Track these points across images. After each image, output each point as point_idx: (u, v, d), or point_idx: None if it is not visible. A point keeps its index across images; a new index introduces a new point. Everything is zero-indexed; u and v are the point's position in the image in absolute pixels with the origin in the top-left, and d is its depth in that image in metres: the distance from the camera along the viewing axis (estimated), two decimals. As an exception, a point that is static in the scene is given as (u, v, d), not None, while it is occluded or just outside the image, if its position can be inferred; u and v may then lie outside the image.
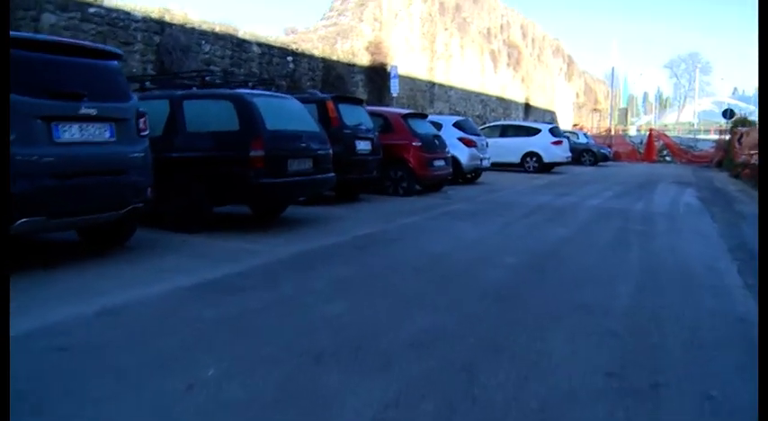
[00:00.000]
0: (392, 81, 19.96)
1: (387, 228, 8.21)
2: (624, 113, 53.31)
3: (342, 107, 10.69)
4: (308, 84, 16.85)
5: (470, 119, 16.67)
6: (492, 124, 23.25)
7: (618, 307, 4.57)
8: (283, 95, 8.96)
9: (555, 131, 21.80)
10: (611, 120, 47.19)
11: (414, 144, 12.16)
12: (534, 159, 20.99)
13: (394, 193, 12.18)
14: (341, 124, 10.44)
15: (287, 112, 8.23)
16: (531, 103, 37.91)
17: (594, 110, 54.20)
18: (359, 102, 11.64)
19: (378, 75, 20.31)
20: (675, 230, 8.58)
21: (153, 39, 12.66)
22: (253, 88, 8.90)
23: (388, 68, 20.16)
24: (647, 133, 36.92)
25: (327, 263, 5.96)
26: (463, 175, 15.38)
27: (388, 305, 4.52)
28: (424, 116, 13.70)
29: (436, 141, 12.92)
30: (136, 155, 6.05)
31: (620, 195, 13.76)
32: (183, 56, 12.85)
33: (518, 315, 4.32)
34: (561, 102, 44.71)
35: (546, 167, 21.10)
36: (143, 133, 6.19)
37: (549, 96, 41.60)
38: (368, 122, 11.36)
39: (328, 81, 17.59)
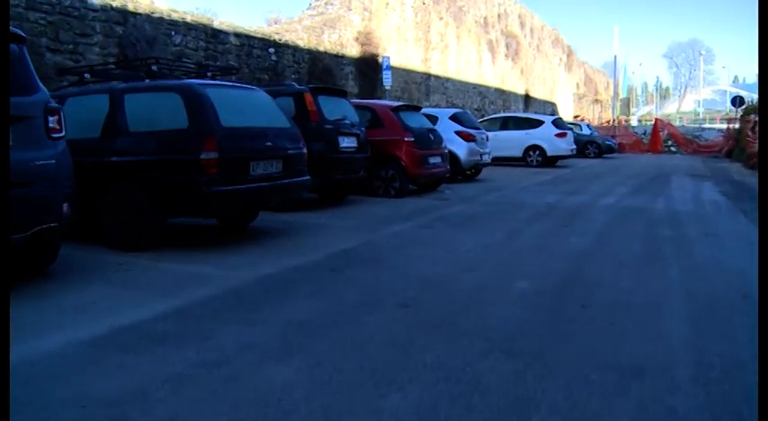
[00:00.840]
0: (384, 73, 18.62)
1: (372, 239, 6.88)
2: (626, 104, 51.85)
3: (322, 100, 9.34)
4: (293, 77, 15.49)
5: (469, 111, 15.33)
6: (492, 117, 21.89)
7: (678, 366, 3.23)
8: (247, 86, 7.61)
9: (558, 123, 20.44)
10: (613, 111, 45.73)
11: (406, 139, 10.81)
12: (537, 153, 19.65)
13: (385, 195, 10.85)
14: (321, 119, 9.10)
15: (250, 106, 6.89)
16: (532, 94, 36.52)
17: (596, 100, 52.76)
18: (342, 93, 10.28)
19: (369, 67, 18.95)
20: (712, 236, 7.23)
21: (114, 30, 11.30)
22: (214, 78, 7.54)
23: (380, 60, 18.79)
24: (652, 123, 35.53)
25: (289, 295, 4.63)
26: (462, 172, 14.04)
27: (357, 371, 3.18)
28: (417, 108, 12.34)
29: (431, 136, 11.57)
30: (43, 162, 4.72)
31: (635, 191, 12.40)
32: (149, 48, 11.49)
33: (539, 387, 2.96)
34: (562, 93, 43.29)
35: (549, 161, 19.76)
36: (56, 134, 4.86)
37: (549, 87, 40.20)
38: (353, 116, 10.00)
39: (315, 74, 16.22)
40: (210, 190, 5.91)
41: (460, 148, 13.66)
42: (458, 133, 13.82)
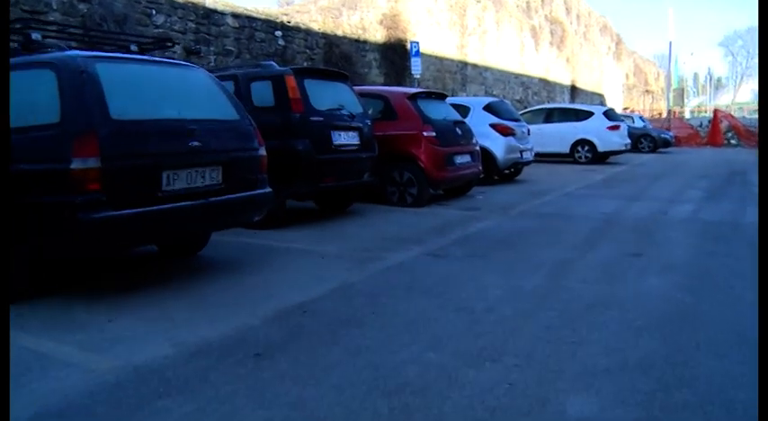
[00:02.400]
0: (413, 60, 16.28)
1: (351, 282, 4.64)
2: (680, 94, 48.08)
3: (311, 84, 7.10)
4: (305, 64, 13.27)
5: (507, 101, 12.91)
6: (535, 108, 19.32)
7: None
8: (178, 63, 5.40)
9: (610, 114, 17.78)
10: (668, 102, 42.27)
11: (425, 134, 8.50)
12: (587, 148, 17.05)
13: (400, 203, 8.59)
14: (307, 109, 6.86)
15: (172, 91, 4.72)
16: (578, 85, 33.62)
17: (646, 92, 49.25)
18: (340, 77, 7.99)
19: (395, 53, 16.63)
20: None
21: (77, 7, 9.24)
22: (143, 53, 5.36)
23: (408, 45, 16.45)
24: (708, 114, 32.30)
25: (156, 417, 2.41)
26: (499, 172, 11.62)
27: None
28: (441, 96, 9.97)
29: (458, 130, 9.22)
30: None
31: (713, 196, 9.83)
32: (118, 29, 9.39)
33: None
34: (610, 84, 40.13)
35: (600, 157, 17.14)
36: None
37: (596, 78, 37.15)
38: (355, 106, 7.74)
39: (331, 60, 13.99)
40: (89, 217, 3.73)
41: (496, 144, 11.28)
42: (493, 126, 11.43)
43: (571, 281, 4.60)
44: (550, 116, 17.99)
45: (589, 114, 17.46)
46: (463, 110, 11.53)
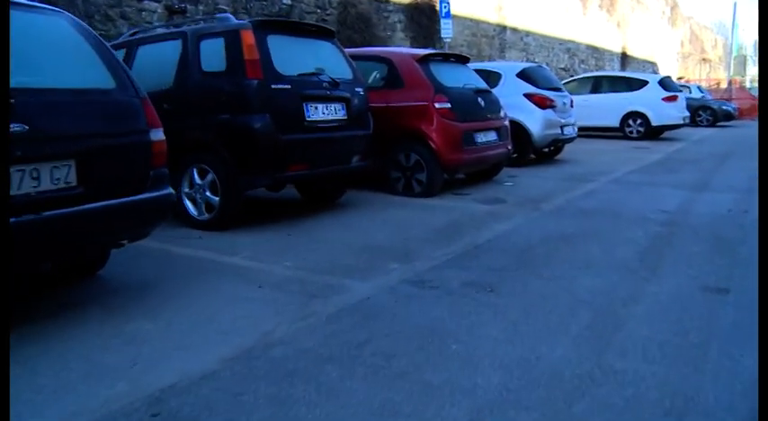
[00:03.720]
0: (443, 22, 14.31)
1: (272, 339, 2.99)
2: (741, 62, 44.29)
3: (277, 42, 5.35)
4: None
5: (546, 66, 10.89)
6: (580, 76, 17.13)
7: None
8: (24, 3, 3.62)
9: (667, 84, 15.49)
10: (729, 70, 38.90)
11: (437, 106, 6.67)
12: (639, 122, 14.87)
13: (406, 192, 6.83)
14: (268, 73, 5.10)
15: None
16: (629, 52, 30.87)
17: (703, 60, 45.77)
18: (323, 33, 6.14)
19: (423, 14, 14.64)
20: None
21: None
22: None
23: (437, 5, 14.43)
24: (774, 84, 29.11)
25: None
26: (535, 151, 9.69)
27: None
28: (461, 59, 8.03)
29: (481, 100, 7.33)
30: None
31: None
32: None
33: None
34: (663, 51, 37.06)
35: (654, 132, 14.94)
36: None
37: (649, 45, 34.20)
38: (341, 70, 5.97)
39: (346, 23, 12.14)
40: None
41: (532, 118, 9.34)
42: (529, 97, 9.49)
43: (622, 355, 2.76)
44: (598, 85, 15.85)
45: (643, 83, 15.24)
46: (492, 77, 9.63)
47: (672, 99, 14.87)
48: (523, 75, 9.84)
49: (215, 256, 4.49)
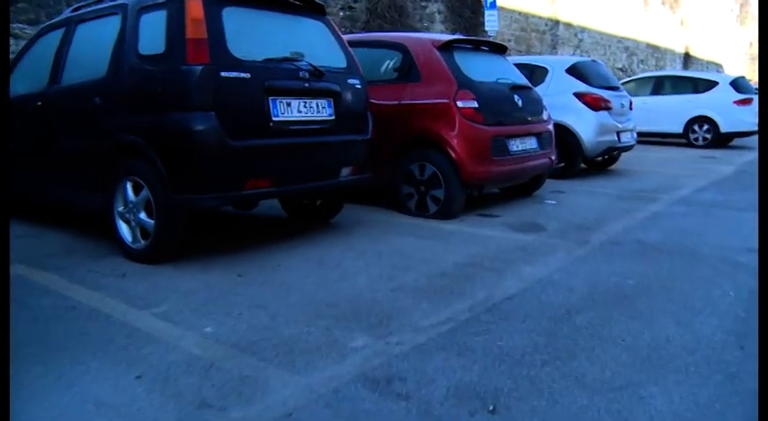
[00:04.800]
0: (487, 14, 12.77)
1: None
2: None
3: (234, 16, 3.97)
4: (340, 14, 10.05)
5: (601, 62, 9.26)
6: (640, 76, 15.25)
7: None
8: None
9: (740, 85, 13.50)
10: (803, 72, 35.76)
11: (460, 104, 5.18)
12: (706, 127, 12.98)
13: (419, 211, 5.39)
14: (218, 57, 3.70)
15: None
16: (692, 53, 28.49)
17: (771, 62, 42.40)
18: (310, 9, 4.63)
19: (465, 4, 13.09)
20: None
21: None
22: None
23: (481, -5, 12.90)
24: None
25: None
26: (586, 160, 8.07)
27: None
28: (497, 49, 6.46)
29: (517, 99, 5.79)
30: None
31: None
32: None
33: None
34: (730, 52, 34.35)
35: (722, 139, 13.05)
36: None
37: (715, 45, 31.64)
38: (333, 56, 4.61)
39: (377, 12, 10.69)
40: None
41: (583, 122, 7.74)
42: (579, 96, 7.87)
43: None
44: (660, 86, 14.03)
45: (711, 84, 13.32)
46: (537, 73, 8.08)
47: (746, 102, 12.93)
48: (574, 70, 8.22)
49: (121, 309, 3.16)
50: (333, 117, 4.33)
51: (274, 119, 3.92)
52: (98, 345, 2.71)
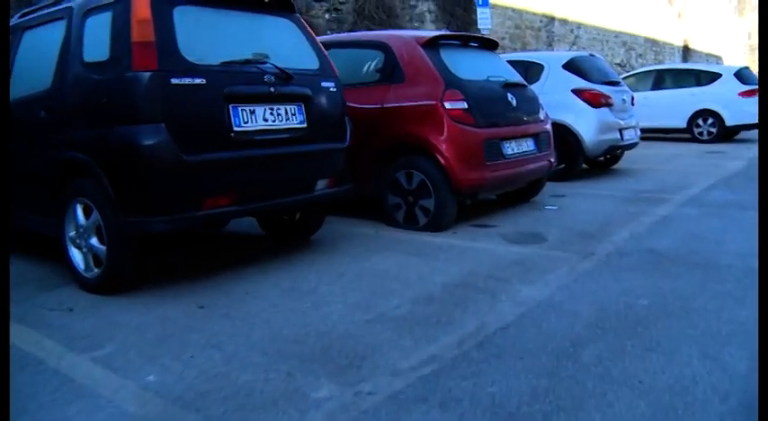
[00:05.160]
0: (480, 11, 12.32)
1: None
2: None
3: (187, 15, 3.55)
4: (326, 17, 9.62)
5: (600, 56, 8.82)
6: (640, 70, 14.79)
7: None
8: None
9: (744, 76, 13.01)
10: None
11: (449, 106, 4.74)
12: (710, 121, 12.49)
13: (408, 223, 4.92)
14: (168, 62, 3.26)
15: None
16: (691, 46, 28.00)
17: (771, 52, 41.84)
18: (277, 6, 4.16)
19: (457, 2, 12.63)
20: None
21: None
22: None
23: (473, -8, 12.47)
24: None
25: None
26: (588, 160, 7.61)
27: None
28: (487, 44, 5.98)
29: (511, 97, 5.34)
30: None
31: None
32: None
33: None
34: (729, 44, 33.85)
35: (728, 133, 12.56)
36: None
37: (713, 37, 31.15)
38: (303, 57, 4.17)
39: (364, 12, 10.24)
40: None
41: (583, 120, 7.29)
42: (578, 93, 7.42)
43: None
44: (661, 80, 13.55)
45: (715, 76, 12.85)
46: (532, 70, 7.64)
47: (751, 93, 12.42)
48: (571, 66, 7.77)
49: (58, 352, 2.76)
50: (304, 124, 3.89)
51: (236, 129, 3.48)
52: (16, 404, 2.26)
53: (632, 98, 8.39)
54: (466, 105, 4.84)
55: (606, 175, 7.94)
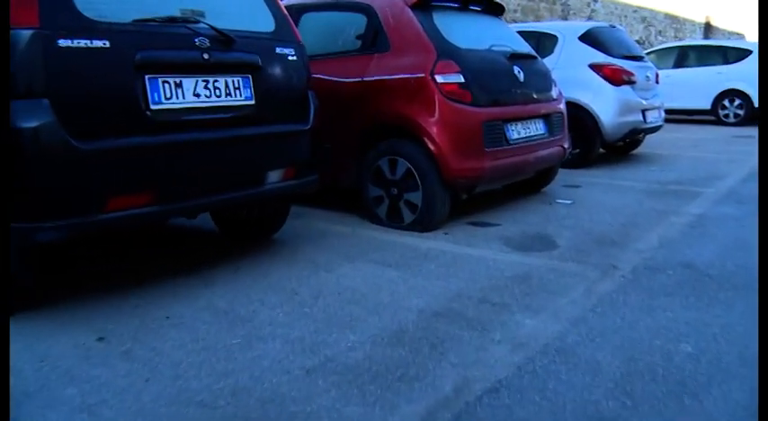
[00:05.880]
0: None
1: None
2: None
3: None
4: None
5: (621, 27, 7.86)
6: (661, 47, 13.75)
7: None
8: None
9: (775, 53, 11.87)
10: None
11: (440, 79, 3.87)
12: (738, 102, 11.51)
13: (392, 220, 4.06)
14: (56, 18, 2.42)
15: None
16: (713, 22, 26.68)
17: (795, 31, 40.32)
18: None
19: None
20: None
21: None
22: None
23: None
24: None
25: None
26: (606, 144, 6.71)
27: None
28: (493, 9, 5.04)
29: (517, 70, 4.44)
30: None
31: None
32: None
33: None
34: (754, 20, 32.35)
35: (756, 116, 11.55)
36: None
37: (737, 13, 29.71)
38: (254, 17, 3.27)
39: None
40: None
41: (602, 99, 6.40)
42: (597, 68, 6.51)
43: None
44: (684, 58, 12.56)
45: (744, 54, 11.83)
46: (545, 41, 6.74)
47: (783, 72, 11.37)
48: (589, 38, 6.84)
49: None
50: (251, 101, 3.05)
51: (154, 107, 2.64)
52: None
53: (656, 75, 7.46)
54: (462, 79, 3.97)
55: (626, 162, 7.05)
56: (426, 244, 3.76)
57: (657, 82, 7.45)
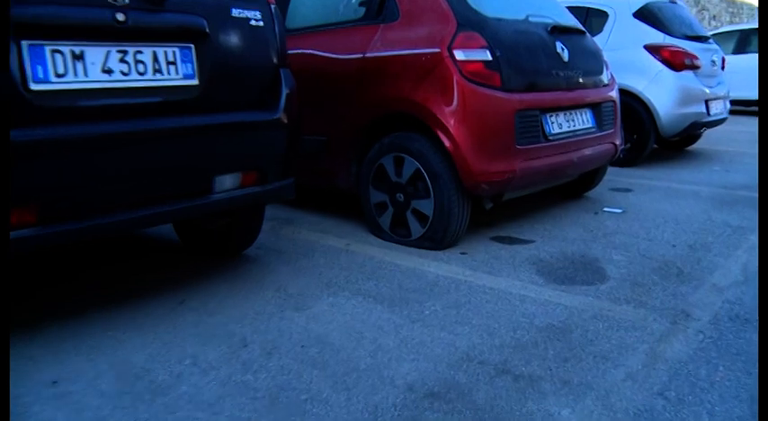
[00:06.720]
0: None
1: None
2: None
3: None
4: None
5: (682, 3, 6.80)
6: (718, 31, 12.49)
7: None
8: None
9: None
10: None
11: (460, 55, 2.97)
12: (807, 92, 10.19)
13: (396, 232, 3.24)
14: None
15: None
16: (772, 6, 24.87)
17: None
18: None
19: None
20: None
21: None
22: None
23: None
24: None
25: None
26: (662, 140, 5.72)
27: None
28: None
29: (561, 48, 3.51)
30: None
31: None
32: None
33: None
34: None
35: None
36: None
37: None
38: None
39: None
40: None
41: (659, 86, 5.42)
42: (653, 50, 5.52)
43: None
44: (746, 42, 11.34)
45: (815, 38, 10.47)
46: (593, 18, 5.76)
47: None
48: (645, 14, 5.82)
49: None
50: (194, 80, 2.21)
51: (35, 87, 1.83)
52: None
53: (723, 60, 6.39)
54: (489, 56, 3.07)
55: (682, 160, 6.05)
56: (435, 268, 2.90)
57: (723, 68, 6.39)
